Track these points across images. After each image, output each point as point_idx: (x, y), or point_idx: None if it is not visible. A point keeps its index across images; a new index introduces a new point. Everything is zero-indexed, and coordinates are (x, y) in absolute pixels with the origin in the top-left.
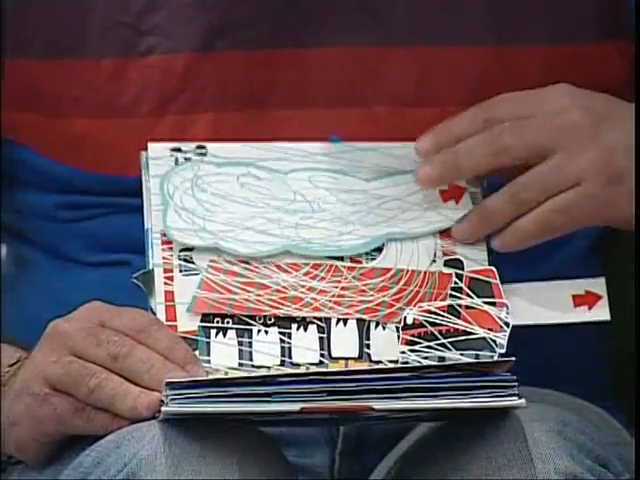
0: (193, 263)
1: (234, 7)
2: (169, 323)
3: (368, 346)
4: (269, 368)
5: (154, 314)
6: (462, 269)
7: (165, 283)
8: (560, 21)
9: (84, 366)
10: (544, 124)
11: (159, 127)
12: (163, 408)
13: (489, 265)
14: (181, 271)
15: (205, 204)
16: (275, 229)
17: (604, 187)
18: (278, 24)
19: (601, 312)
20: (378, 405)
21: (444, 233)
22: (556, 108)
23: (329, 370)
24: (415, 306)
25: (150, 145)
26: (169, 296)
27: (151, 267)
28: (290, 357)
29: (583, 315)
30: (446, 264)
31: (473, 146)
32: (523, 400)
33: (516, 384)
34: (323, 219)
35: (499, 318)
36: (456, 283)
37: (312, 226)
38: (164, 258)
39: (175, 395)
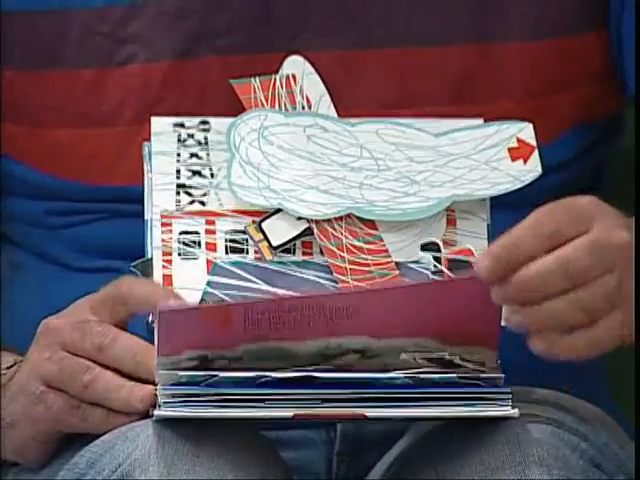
0: (191, 246)
1: (212, 13)
2: None
3: None
4: None
5: None
6: (439, 251)
7: (163, 266)
8: (540, 15)
9: (77, 362)
10: (609, 245)
11: (141, 135)
12: (156, 412)
13: None
14: (180, 254)
15: (271, 158)
16: (339, 188)
17: None
18: (256, 29)
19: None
20: (371, 413)
21: (450, 219)
22: (608, 225)
23: (323, 376)
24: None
25: (153, 119)
26: (167, 280)
27: (150, 256)
28: None
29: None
30: (423, 248)
31: (546, 271)
32: (516, 410)
33: (510, 395)
34: (388, 179)
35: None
36: (435, 267)
37: (376, 186)
38: (163, 240)
39: (168, 399)
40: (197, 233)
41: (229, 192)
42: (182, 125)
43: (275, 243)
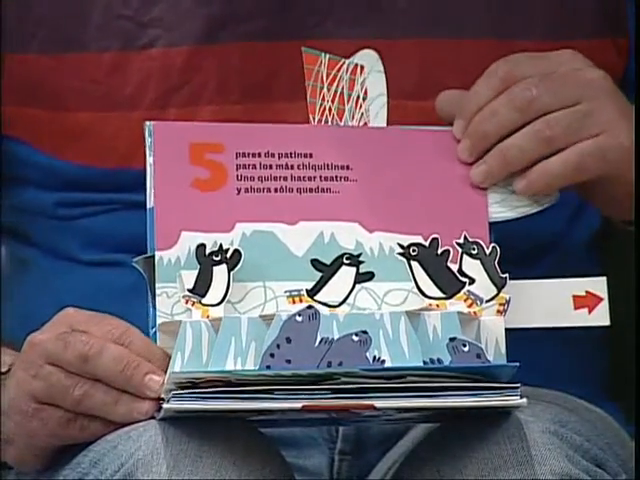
0: None
1: None
2: None
3: None
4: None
5: (154, 301)
6: None
7: None
8: (559, 16)
9: (65, 377)
10: (567, 78)
11: (161, 120)
12: (165, 405)
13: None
14: None
15: None
16: None
17: (628, 138)
18: (280, 15)
19: (601, 316)
20: (380, 404)
21: None
22: (573, 67)
23: (332, 371)
24: None
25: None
26: None
27: (152, 252)
28: None
29: (583, 319)
30: None
31: (496, 106)
32: (525, 399)
33: (518, 384)
34: None
35: None
36: None
37: None
38: None
39: (176, 393)
40: None
41: None
42: None
43: None
